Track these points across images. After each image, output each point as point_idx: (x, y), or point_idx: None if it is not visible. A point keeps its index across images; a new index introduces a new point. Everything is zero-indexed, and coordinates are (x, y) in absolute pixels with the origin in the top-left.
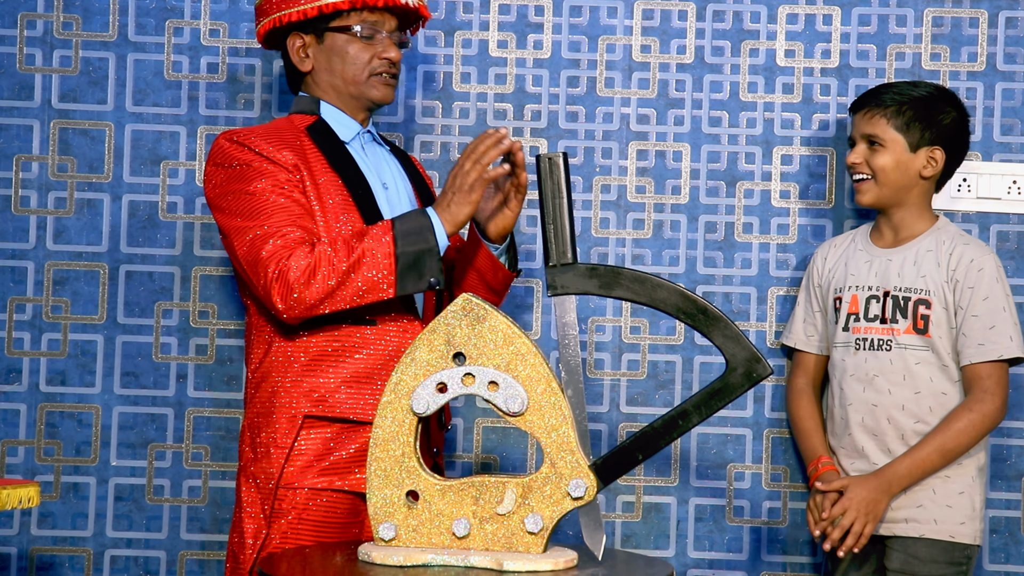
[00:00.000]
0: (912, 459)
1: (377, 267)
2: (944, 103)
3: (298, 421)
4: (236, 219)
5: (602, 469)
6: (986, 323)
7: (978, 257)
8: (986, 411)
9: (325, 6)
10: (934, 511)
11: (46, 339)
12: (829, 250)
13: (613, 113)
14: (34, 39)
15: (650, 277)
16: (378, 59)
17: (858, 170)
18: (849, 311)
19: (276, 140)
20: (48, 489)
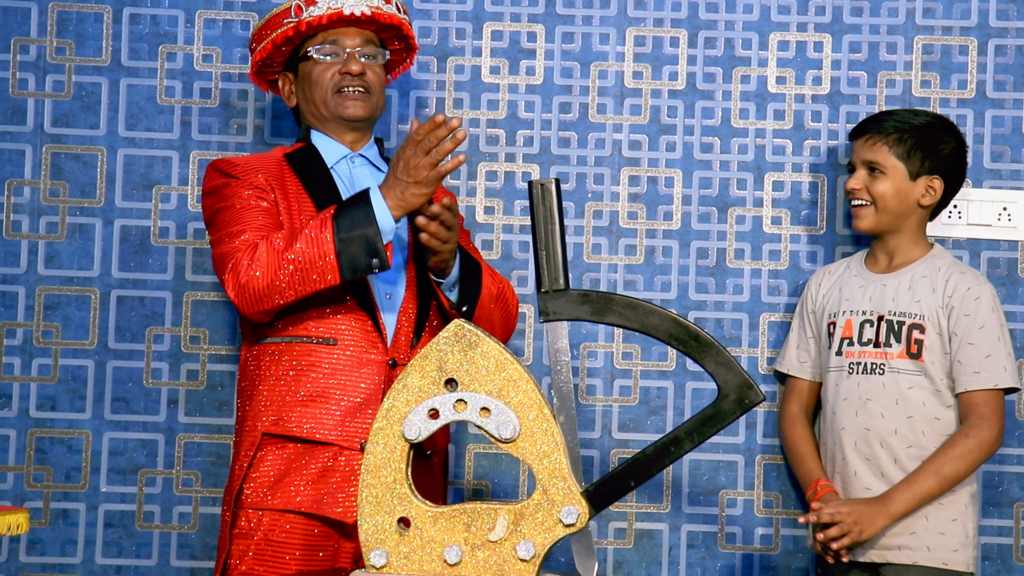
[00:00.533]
0: (912, 490)
1: (318, 249)
2: (944, 133)
3: (258, 439)
4: (214, 231)
5: (594, 496)
6: (982, 351)
7: (975, 286)
8: (983, 438)
9: (276, 37)
10: (927, 538)
11: (36, 364)
12: (824, 276)
13: (605, 139)
14: (27, 64)
15: (642, 303)
16: (339, 74)
17: (857, 196)
18: (843, 335)
19: (255, 164)
20: (37, 515)
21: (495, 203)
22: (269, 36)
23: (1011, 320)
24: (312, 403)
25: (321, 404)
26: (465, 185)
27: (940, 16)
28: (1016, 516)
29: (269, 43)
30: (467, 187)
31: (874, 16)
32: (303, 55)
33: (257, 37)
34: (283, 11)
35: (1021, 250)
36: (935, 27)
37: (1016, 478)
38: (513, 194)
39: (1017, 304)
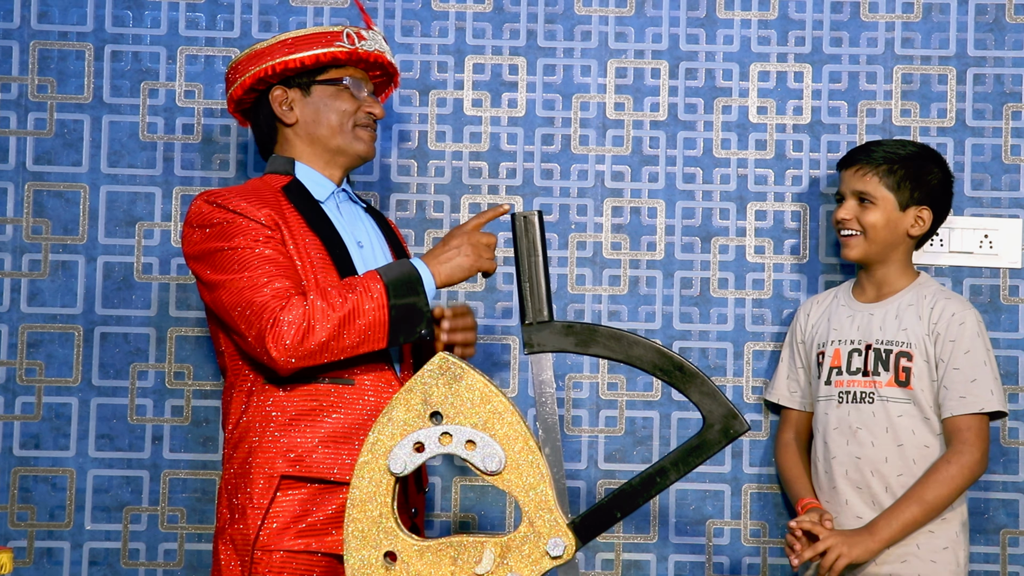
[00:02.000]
0: (897, 519)
1: (370, 320)
2: (931, 163)
3: (275, 481)
4: (221, 273)
5: (581, 527)
6: (967, 376)
7: (959, 311)
8: (965, 463)
9: (323, 55)
10: (918, 566)
11: (20, 402)
12: (812, 307)
13: (588, 170)
14: (8, 102)
15: (626, 334)
16: (363, 112)
17: (848, 226)
18: (832, 364)
19: (254, 199)
20: (21, 555)
21: None
22: (315, 50)
23: (994, 346)
24: (334, 444)
25: (343, 445)
26: (448, 217)
27: (919, 46)
28: (1003, 543)
29: (313, 56)
30: (451, 219)
31: (853, 46)
32: (325, 79)
33: (287, 48)
34: (333, 33)
35: (1003, 277)
36: (914, 56)
37: (1002, 504)
38: (496, 226)
39: (999, 331)
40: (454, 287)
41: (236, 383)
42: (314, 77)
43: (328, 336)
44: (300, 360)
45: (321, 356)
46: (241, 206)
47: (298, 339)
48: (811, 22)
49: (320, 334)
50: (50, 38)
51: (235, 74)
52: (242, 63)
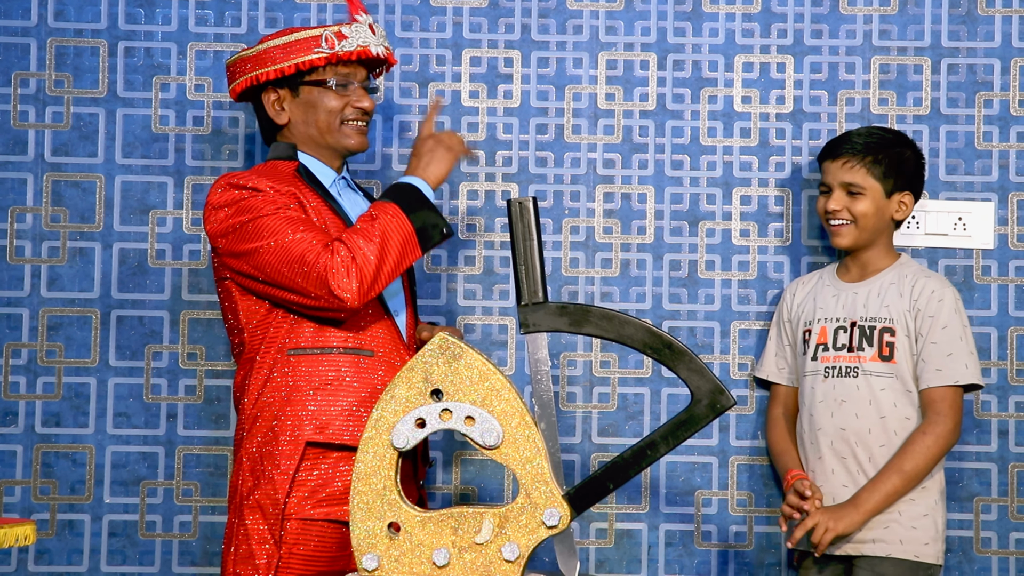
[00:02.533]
0: (880, 491)
1: (402, 235)
2: (906, 148)
3: (301, 448)
4: (257, 240)
5: (575, 498)
6: (944, 350)
7: (938, 288)
8: (939, 432)
9: (302, 63)
10: (900, 532)
11: (41, 382)
12: (797, 287)
13: (580, 158)
14: (27, 96)
15: (618, 314)
16: (351, 107)
17: (838, 216)
18: (818, 342)
19: (273, 178)
20: (44, 527)
21: (476, 221)
22: (294, 59)
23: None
24: (358, 412)
25: (366, 413)
26: (448, 204)
27: (895, 37)
28: (976, 510)
29: (293, 66)
30: (450, 206)
31: (833, 38)
32: (311, 80)
33: (270, 57)
34: (312, 38)
35: (976, 258)
36: (891, 48)
37: (976, 473)
38: (493, 212)
39: (972, 309)
40: (456, 272)
41: (257, 357)
42: (302, 78)
43: (377, 261)
44: (366, 292)
45: (379, 282)
46: (261, 184)
47: (356, 274)
48: (792, 15)
49: (371, 263)
50: (66, 35)
51: (231, 73)
52: (236, 64)
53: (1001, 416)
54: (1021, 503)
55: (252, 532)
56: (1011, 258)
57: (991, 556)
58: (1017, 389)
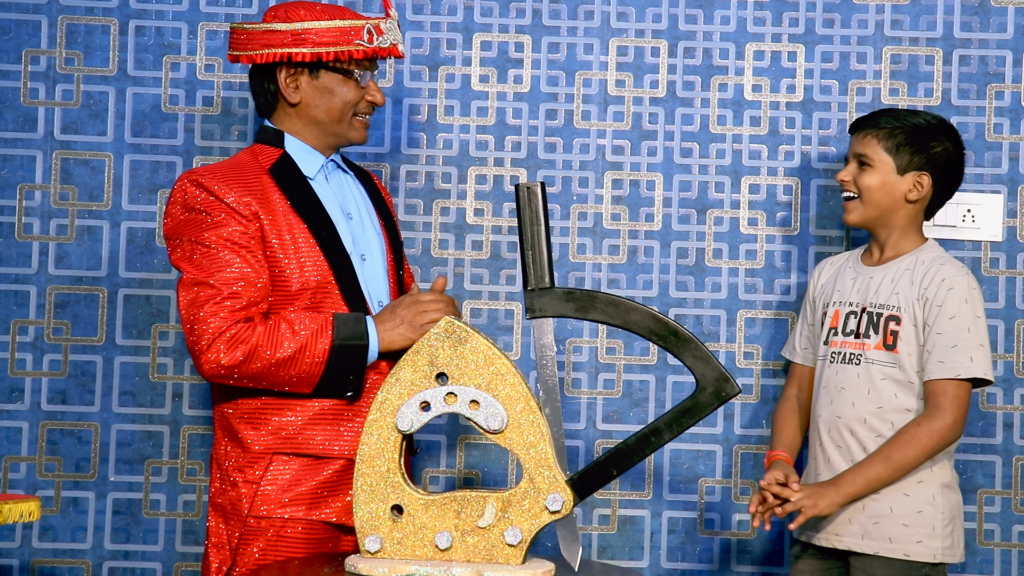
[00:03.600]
0: (861, 472)
1: (305, 371)
2: (940, 134)
3: (267, 457)
4: (185, 263)
5: (579, 484)
6: (949, 341)
7: (950, 277)
8: (935, 427)
9: (341, 53)
10: (888, 529)
11: (48, 360)
12: (825, 267)
13: (589, 144)
14: (37, 74)
15: (624, 301)
16: (365, 101)
17: (846, 188)
18: (831, 325)
19: (237, 184)
20: (49, 503)
21: (484, 205)
22: (334, 47)
23: None
24: (322, 422)
25: (331, 423)
26: (456, 188)
27: (907, 28)
28: (979, 502)
29: (331, 53)
30: (458, 190)
31: (845, 27)
32: (335, 66)
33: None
34: (354, 29)
35: (984, 250)
36: (902, 38)
37: (980, 466)
38: (502, 197)
39: None
40: (463, 256)
41: None
42: (328, 63)
43: (259, 372)
44: (223, 381)
45: (246, 384)
46: (223, 192)
47: (227, 365)
48: (804, 4)
49: (251, 369)
50: (77, 13)
51: (248, 42)
52: (256, 36)
53: (1006, 409)
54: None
55: (211, 533)
56: (1020, 250)
57: (994, 548)
58: (1022, 382)
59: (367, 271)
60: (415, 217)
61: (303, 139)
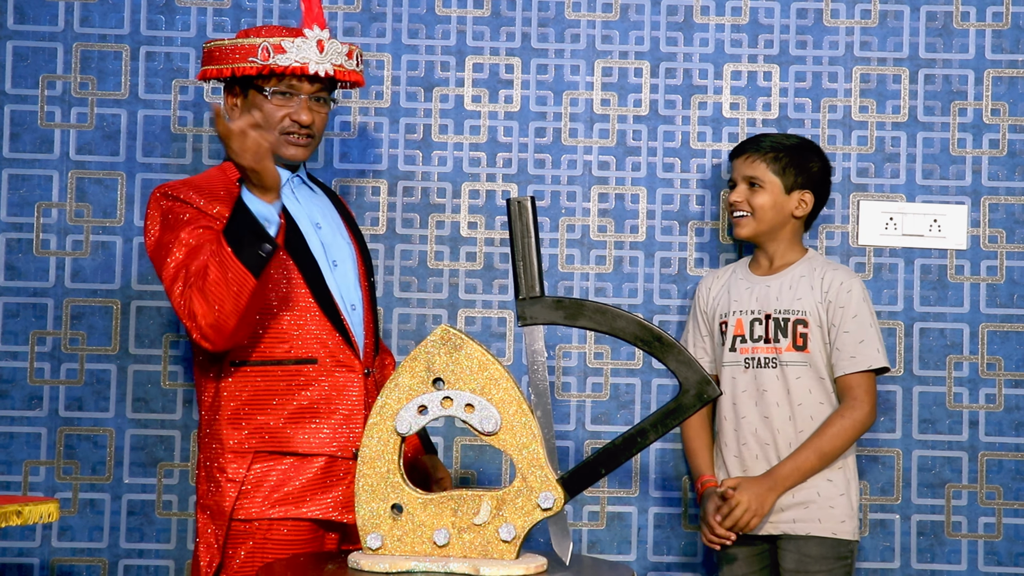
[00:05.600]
0: (794, 462)
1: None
2: (812, 153)
3: (249, 457)
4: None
5: (569, 482)
6: (856, 338)
7: (847, 280)
8: (857, 416)
9: (237, 70)
10: (818, 512)
11: (65, 369)
12: (712, 280)
13: (576, 160)
14: (54, 98)
15: (611, 308)
16: (290, 120)
17: (739, 208)
18: (735, 333)
19: (207, 193)
20: (67, 505)
21: (477, 219)
22: (230, 64)
23: (940, 320)
24: (301, 420)
25: (310, 420)
26: (450, 203)
27: (876, 49)
28: (947, 495)
29: (228, 69)
30: (452, 204)
31: (817, 49)
32: (256, 84)
33: (217, 57)
34: (249, 47)
35: (950, 258)
36: (871, 58)
37: (947, 461)
38: (494, 211)
39: (946, 306)
40: (457, 267)
41: (204, 366)
42: (249, 82)
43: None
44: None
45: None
46: (194, 199)
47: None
48: (779, 27)
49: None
50: (91, 40)
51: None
52: (204, 56)
53: (972, 407)
54: (990, 489)
55: (200, 534)
56: (983, 258)
57: (961, 539)
58: (987, 382)
59: (339, 276)
60: (411, 230)
61: None
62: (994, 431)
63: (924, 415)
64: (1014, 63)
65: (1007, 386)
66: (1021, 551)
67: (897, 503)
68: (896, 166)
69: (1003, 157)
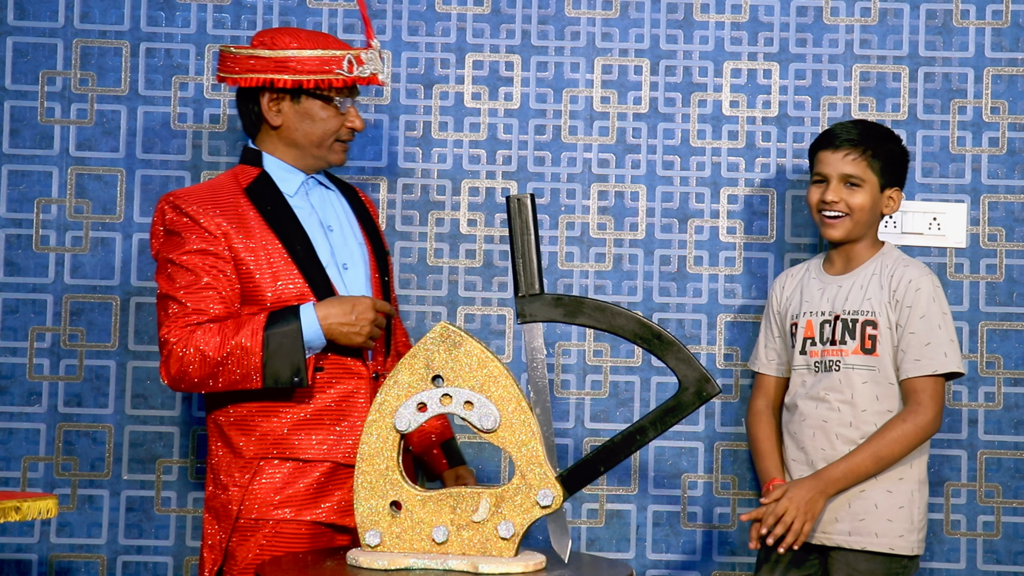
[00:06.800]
0: (847, 463)
1: (246, 365)
2: (900, 148)
3: (255, 463)
4: (160, 279)
5: (568, 480)
6: (922, 340)
7: (916, 277)
8: (919, 422)
9: (321, 81)
10: (874, 525)
11: (64, 364)
12: (786, 280)
13: (576, 158)
14: (54, 94)
15: (610, 306)
16: (345, 127)
17: (834, 208)
18: (805, 335)
19: (212, 206)
20: (65, 501)
21: (477, 216)
22: (314, 75)
23: None
24: (306, 428)
25: (315, 428)
26: (450, 200)
27: (876, 47)
28: (947, 494)
29: (313, 81)
30: (452, 202)
31: (817, 46)
32: (316, 92)
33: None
34: (334, 59)
35: (949, 256)
36: (871, 56)
37: (946, 460)
38: (493, 208)
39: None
40: (457, 264)
41: None
42: (308, 89)
43: (204, 378)
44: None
45: (200, 389)
46: (196, 212)
47: (176, 378)
48: (779, 24)
49: (195, 377)
50: (91, 36)
51: (233, 66)
52: (241, 60)
53: (971, 406)
54: (989, 488)
55: (206, 535)
56: (982, 256)
57: (960, 538)
58: (986, 380)
59: (349, 279)
60: (411, 228)
61: (284, 159)
62: (993, 430)
63: None
64: (1014, 61)
65: (1006, 384)
66: (1020, 550)
67: None
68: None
69: (1003, 155)
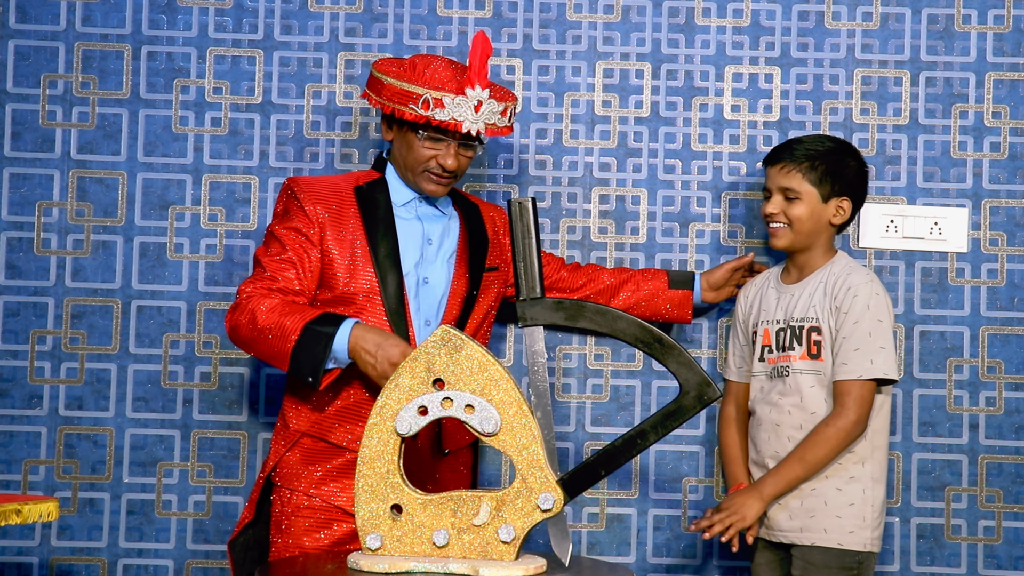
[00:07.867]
0: (778, 468)
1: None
2: (848, 156)
3: (297, 435)
4: (261, 247)
5: (569, 484)
6: (852, 345)
7: (856, 284)
8: (841, 425)
9: (397, 111)
10: (824, 521)
11: (65, 368)
12: (750, 289)
13: (578, 162)
14: (55, 97)
15: (611, 310)
16: (436, 162)
17: (776, 219)
18: (763, 343)
19: (318, 194)
20: (66, 504)
21: None
22: (393, 104)
23: (940, 323)
24: (342, 417)
25: (348, 418)
26: None
27: (877, 51)
28: (947, 498)
29: (389, 107)
30: None
31: (818, 51)
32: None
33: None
34: (413, 94)
35: (950, 260)
36: (872, 61)
37: (947, 464)
38: None
39: (947, 308)
40: None
41: None
42: (405, 120)
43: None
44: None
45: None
46: (303, 196)
47: (230, 328)
48: (780, 29)
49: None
50: (92, 40)
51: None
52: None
53: (972, 411)
54: (989, 492)
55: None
56: (983, 261)
57: (961, 543)
58: (987, 385)
59: (424, 293)
60: None
61: (397, 172)
62: (994, 434)
63: (924, 418)
64: (1015, 66)
65: (1007, 389)
66: (1021, 555)
67: (897, 506)
68: (897, 169)
69: (1004, 160)
